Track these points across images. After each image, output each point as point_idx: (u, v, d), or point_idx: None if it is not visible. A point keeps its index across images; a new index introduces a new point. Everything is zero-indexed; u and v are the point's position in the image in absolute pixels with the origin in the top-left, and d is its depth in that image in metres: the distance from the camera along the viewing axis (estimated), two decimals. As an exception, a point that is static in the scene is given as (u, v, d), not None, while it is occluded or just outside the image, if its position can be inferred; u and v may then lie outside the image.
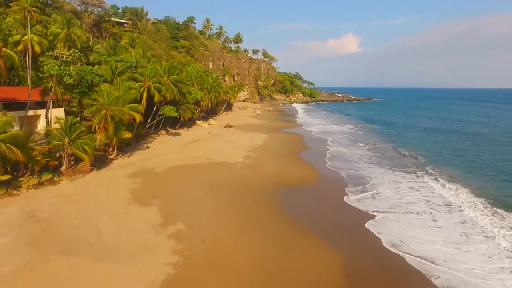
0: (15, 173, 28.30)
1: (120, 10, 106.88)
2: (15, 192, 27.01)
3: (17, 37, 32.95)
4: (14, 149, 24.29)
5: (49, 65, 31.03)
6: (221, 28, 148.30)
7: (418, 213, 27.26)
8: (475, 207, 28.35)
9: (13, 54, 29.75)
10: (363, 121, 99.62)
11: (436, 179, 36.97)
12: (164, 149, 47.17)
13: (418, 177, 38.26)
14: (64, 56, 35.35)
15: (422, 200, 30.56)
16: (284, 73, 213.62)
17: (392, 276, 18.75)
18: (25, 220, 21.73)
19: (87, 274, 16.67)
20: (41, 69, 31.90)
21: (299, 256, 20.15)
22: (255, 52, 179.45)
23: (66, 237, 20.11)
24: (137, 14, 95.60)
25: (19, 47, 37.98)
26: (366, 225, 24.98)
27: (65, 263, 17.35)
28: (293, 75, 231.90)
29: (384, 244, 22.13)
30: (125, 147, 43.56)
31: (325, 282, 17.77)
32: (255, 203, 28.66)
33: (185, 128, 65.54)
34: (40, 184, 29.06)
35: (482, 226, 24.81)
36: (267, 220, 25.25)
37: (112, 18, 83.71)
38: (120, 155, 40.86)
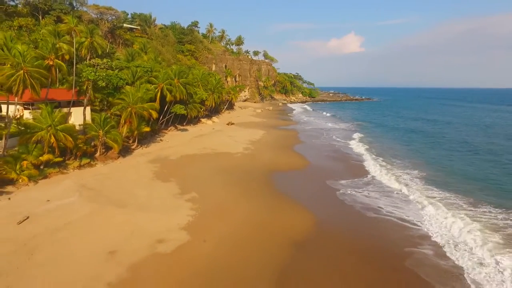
0: (63, 157, 35.97)
1: (129, 16, 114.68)
2: (64, 171, 34.75)
3: (74, 48, 40.66)
4: (68, 137, 31.97)
5: (87, 72, 38.71)
6: (223, 31, 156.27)
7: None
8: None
9: (62, 64, 37.38)
10: (355, 120, 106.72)
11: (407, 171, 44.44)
12: (175, 142, 54.85)
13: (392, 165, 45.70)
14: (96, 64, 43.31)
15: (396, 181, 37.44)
16: (284, 73, 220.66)
17: (354, 223, 26.20)
18: (80, 188, 29.45)
19: (133, 217, 24.34)
20: (81, 75, 39.53)
21: (282, 214, 27.63)
22: (256, 53, 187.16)
23: (113, 198, 27.81)
24: (146, 21, 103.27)
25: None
26: (338, 194, 32.50)
27: (117, 211, 25.04)
28: (293, 75, 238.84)
29: (351, 204, 29.59)
30: (142, 140, 51.24)
31: (298, 227, 25.25)
32: (252, 181, 36.15)
33: (191, 125, 73.22)
34: (81, 166, 36.78)
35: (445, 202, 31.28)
36: (260, 192, 32.74)
37: (124, 25, 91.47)
38: (139, 146, 48.58)
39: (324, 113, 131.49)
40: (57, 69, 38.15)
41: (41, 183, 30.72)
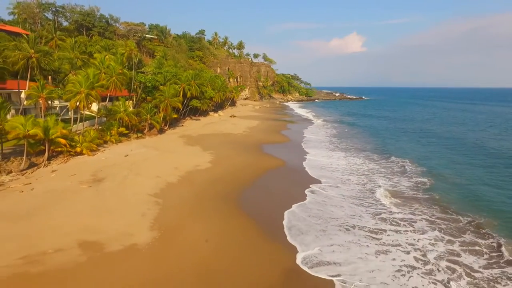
0: (127, 131, 56.16)
1: (146, 27, 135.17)
2: (129, 140, 55.00)
3: (134, 62, 60.82)
4: (136, 118, 52.18)
5: (139, 76, 58.91)
6: (226, 38, 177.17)
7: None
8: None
9: (126, 72, 57.45)
10: (336, 114, 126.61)
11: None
12: (193, 126, 75.13)
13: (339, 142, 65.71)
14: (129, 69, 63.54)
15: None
16: (282, 74, 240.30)
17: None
18: (144, 146, 49.74)
19: (181, 157, 44.51)
20: (135, 79, 59.79)
21: (265, 160, 47.59)
22: (256, 56, 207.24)
23: (166, 150, 48.05)
24: (162, 31, 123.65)
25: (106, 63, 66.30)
26: (300, 154, 52.51)
27: (171, 155, 45.26)
28: (291, 76, 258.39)
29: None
30: (170, 125, 71.50)
31: (273, 165, 45.16)
32: (248, 147, 56.14)
33: (202, 116, 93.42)
34: (137, 137, 57.01)
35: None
36: (254, 152, 52.71)
37: (146, 36, 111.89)
38: (169, 128, 68.82)
39: (313, 110, 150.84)
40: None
41: (119, 144, 51.01)
